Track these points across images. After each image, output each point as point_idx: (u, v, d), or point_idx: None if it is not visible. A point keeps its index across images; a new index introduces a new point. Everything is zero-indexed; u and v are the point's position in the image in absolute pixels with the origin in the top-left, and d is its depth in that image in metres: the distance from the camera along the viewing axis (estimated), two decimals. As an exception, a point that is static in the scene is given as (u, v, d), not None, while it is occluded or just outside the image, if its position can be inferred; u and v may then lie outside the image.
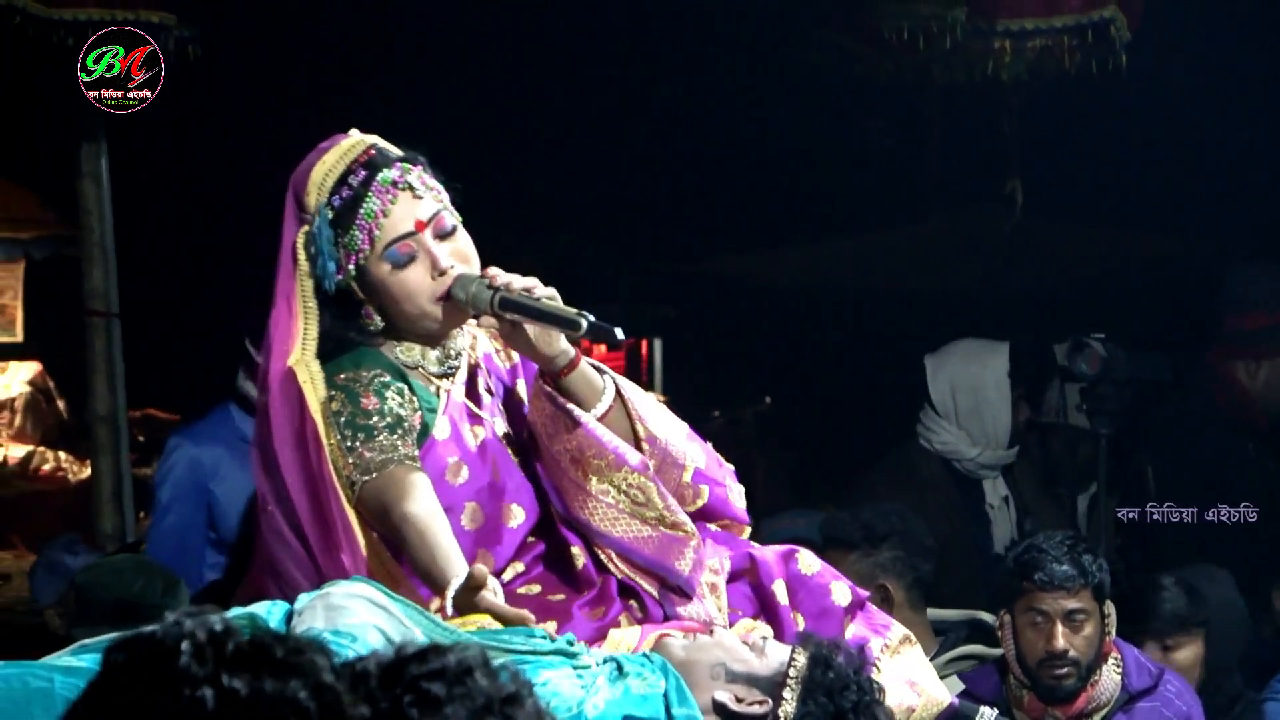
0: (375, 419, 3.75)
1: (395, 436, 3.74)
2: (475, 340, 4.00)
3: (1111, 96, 8.10)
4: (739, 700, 3.48)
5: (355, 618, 3.25)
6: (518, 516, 3.88)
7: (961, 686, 5.15)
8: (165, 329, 9.50)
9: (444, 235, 3.83)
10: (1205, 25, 8.02)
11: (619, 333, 3.73)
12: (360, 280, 3.84)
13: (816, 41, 7.71)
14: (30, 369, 10.63)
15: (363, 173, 3.82)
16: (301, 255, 3.83)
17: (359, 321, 3.87)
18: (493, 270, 3.81)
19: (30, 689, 3.13)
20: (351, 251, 3.80)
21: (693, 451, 3.99)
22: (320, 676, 1.97)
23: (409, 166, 3.86)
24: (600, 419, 3.85)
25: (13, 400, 10.22)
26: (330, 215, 3.81)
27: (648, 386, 12.67)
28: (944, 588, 6.27)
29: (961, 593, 6.47)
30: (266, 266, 3.91)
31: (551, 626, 3.65)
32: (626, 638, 3.73)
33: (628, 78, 9.69)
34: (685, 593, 3.85)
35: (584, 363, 3.86)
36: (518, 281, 3.77)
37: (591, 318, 3.69)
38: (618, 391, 3.89)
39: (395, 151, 3.88)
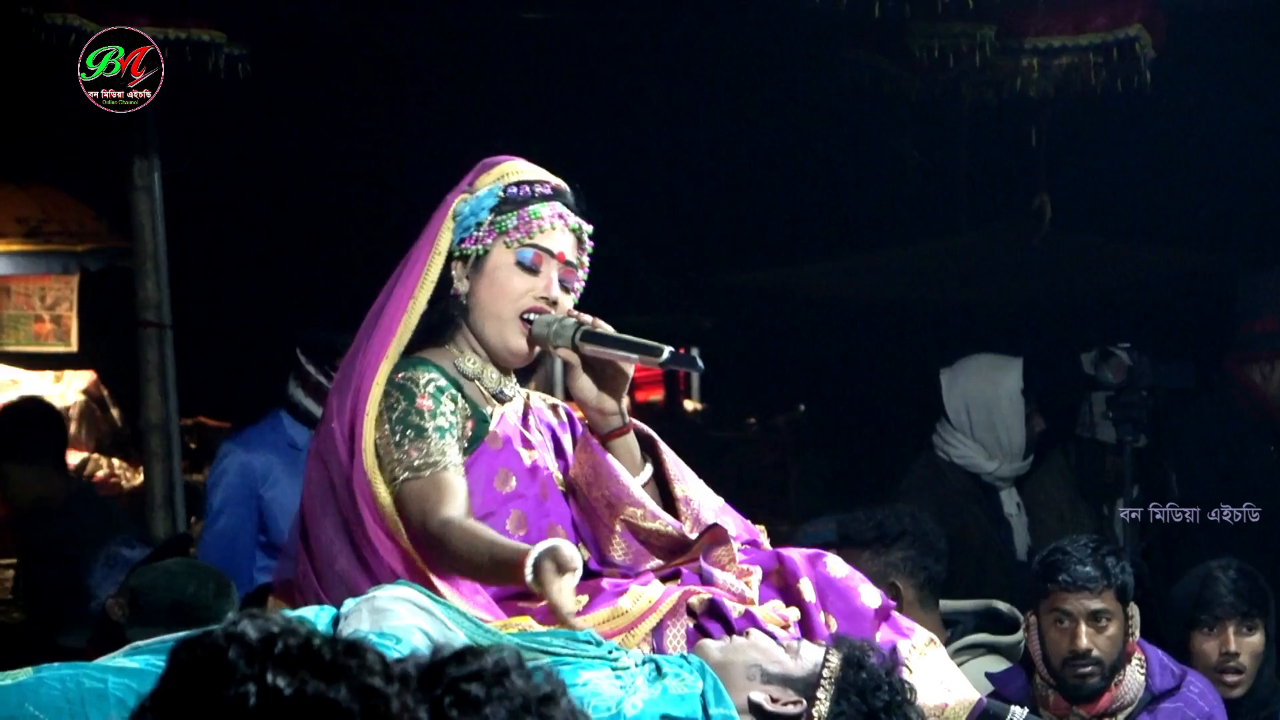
0: (428, 420, 3.85)
1: (444, 442, 3.83)
2: (529, 396, 4.13)
3: (1136, 112, 8.08)
4: (774, 700, 3.56)
5: (399, 620, 3.36)
6: (561, 536, 3.94)
7: (988, 685, 5.16)
8: (216, 339, 9.53)
9: (566, 286, 3.99)
10: (1226, 44, 8.01)
11: (700, 362, 3.89)
12: (477, 260, 3.97)
13: (848, 60, 7.70)
14: (85, 378, 10.52)
15: (549, 190, 4.01)
16: (449, 216, 3.98)
17: (449, 295, 3.98)
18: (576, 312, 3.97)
19: (85, 689, 3.22)
20: (496, 230, 3.95)
21: (724, 523, 4.04)
22: (366, 680, 1.99)
23: (585, 224, 4.03)
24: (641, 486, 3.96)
25: (68, 409, 10.08)
26: (500, 194, 3.97)
27: (685, 395, 12.82)
28: (981, 591, 6.32)
29: (996, 596, 6.53)
30: (316, 278, 4.04)
31: (583, 600, 3.76)
32: (649, 592, 3.81)
33: (667, 94, 9.63)
34: (721, 562, 3.94)
35: (632, 434, 4.00)
36: (602, 323, 3.92)
37: (671, 349, 3.85)
38: (656, 465, 4.03)
39: (581, 206, 4.06)
